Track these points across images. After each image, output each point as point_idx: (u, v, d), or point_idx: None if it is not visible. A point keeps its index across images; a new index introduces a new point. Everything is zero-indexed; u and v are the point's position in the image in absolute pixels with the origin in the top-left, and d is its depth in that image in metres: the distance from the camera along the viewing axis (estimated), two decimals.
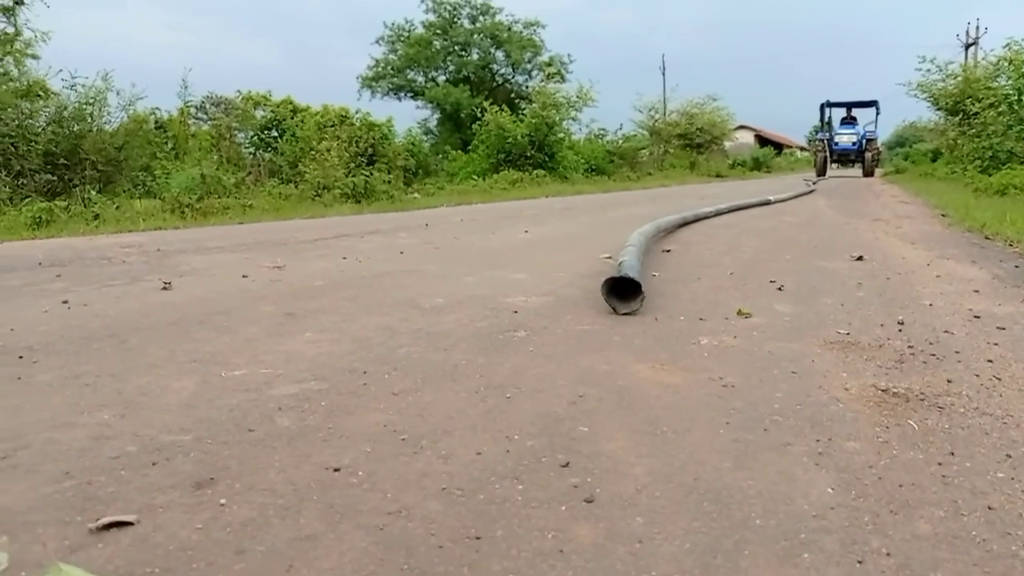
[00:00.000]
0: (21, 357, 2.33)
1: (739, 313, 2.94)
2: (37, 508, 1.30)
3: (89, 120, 12.23)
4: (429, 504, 1.33)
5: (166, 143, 15.84)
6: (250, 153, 18.48)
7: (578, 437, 1.65)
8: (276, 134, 18.63)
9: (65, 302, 3.25)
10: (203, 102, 19.25)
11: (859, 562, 1.14)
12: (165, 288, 3.61)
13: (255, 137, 19.12)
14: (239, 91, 19.81)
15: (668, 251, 4.96)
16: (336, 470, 1.47)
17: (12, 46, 13.20)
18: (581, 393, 1.96)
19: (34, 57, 13.28)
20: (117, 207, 9.97)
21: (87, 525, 1.23)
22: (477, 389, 2.00)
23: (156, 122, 16.13)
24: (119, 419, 1.76)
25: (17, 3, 14.07)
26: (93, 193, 10.53)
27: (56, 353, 2.38)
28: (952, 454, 1.56)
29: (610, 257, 4.51)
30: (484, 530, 1.23)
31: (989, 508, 1.32)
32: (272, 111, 19.18)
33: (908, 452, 1.57)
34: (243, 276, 4.02)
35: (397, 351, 2.41)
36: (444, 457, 1.54)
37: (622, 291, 3.05)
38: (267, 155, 18.13)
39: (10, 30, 13.84)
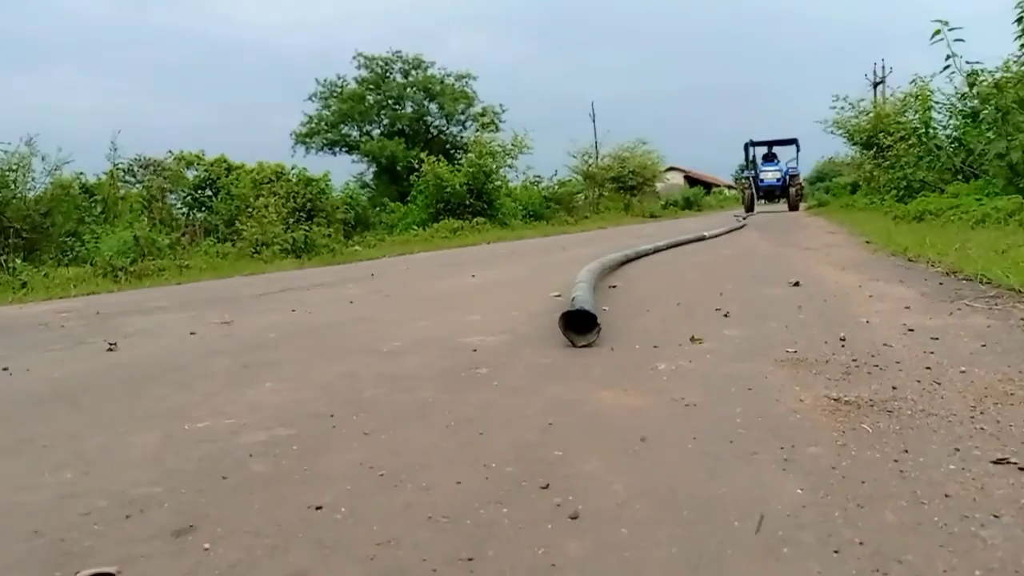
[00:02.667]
0: None
1: (692, 339, 3.03)
2: (11, 567, 1.26)
3: (12, 187, 11.89)
4: (417, 532, 1.34)
5: (94, 207, 15.42)
6: (183, 213, 18.18)
7: (554, 461, 1.69)
8: (210, 193, 18.40)
9: (5, 368, 3.13)
10: (131, 165, 18.91)
11: (835, 552, 1.20)
12: (111, 349, 3.51)
13: (188, 197, 18.84)
14: (170, 151, 19.57)
15: (615, 287, 5.08)
16: (319, 508, 1.46)
17: None
18: (551, 421, 2.00)
19: None
20: (45, 274, 9.64)
21: None
22: (448, 424, 2.02)
23: (83, 186, 15.70)
24: (83, 477, 1.71)
25: None
26: (18, 261, 10.14)
27: (4, 419, 2.30)
28: (906, 451, 1.65)
29: (560, 295, 4.59)
30: (475, 552, 1.25)
31: (946, 496, 1.40)
32: (206, 170, 18.99)
33: (866, 452, 1.66)
34: (191, 333, 3.94)
35: (362, 394, 2.40)
36: (425, 489, 1.55)
37: (578, 325, 3.12)
38: (201, 214, 17.86)
39: None
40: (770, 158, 26.08)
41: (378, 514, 1.43)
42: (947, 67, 10.72)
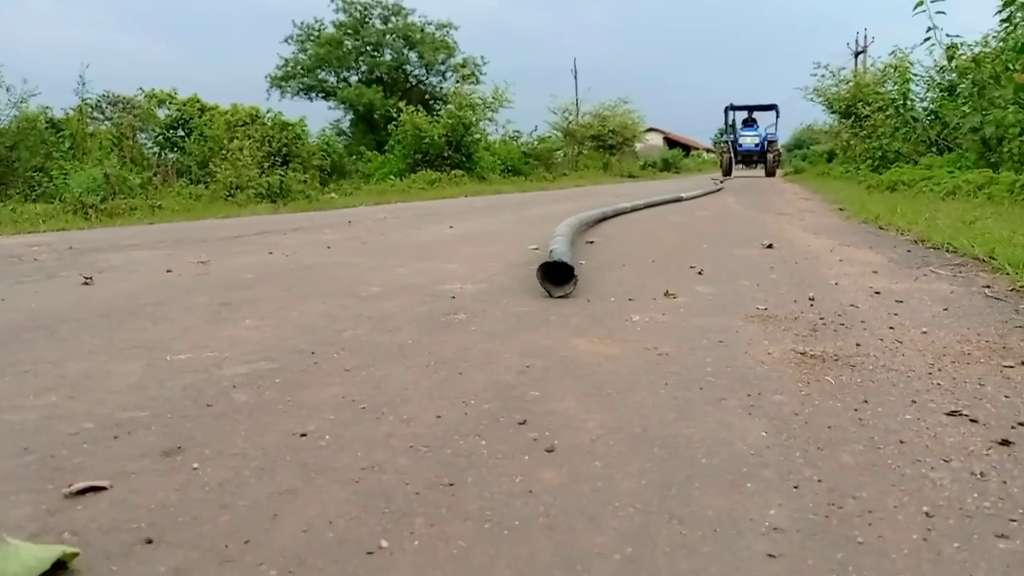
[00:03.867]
0: None
1: (666, 294, 3.10)
2: (4, 480, 1.29)
3: None
4: (399, 459, 1.39)
5: (62, 142, 15.00)
6: (154, 153, 17.78)
7: (531, 400, 1.75)
8: (183, 133, 18.00)
9: None
10: (99, 101, 18.35)
11: (795, 487, 1.28)
12: (86, 283, 3.50)
13: (159, 136, 18.40)
14: (141, 89, 19.02)
15: (591, 242, 5.13)
16: (303, 435, 1.51)
17: None
18: (527, 364, 2.06)
19: None
20: (12, 209, 9.45)
21: (60, 491, 1.24)
22: (427, 364, 2.07)
23: (49, 121, 15.23)
24: (68, 400, 1.73)
25: None
26: None
27: None
28: (866, 402, 1.74)
29: (537, 248, 4.63)
30: (455, 478, 1.31)
31: (901, 442, 1.49)
32: (178, 109, 18.52)
33: (828, 401, 1.74)
34: (167, 271, 3.93)
35: (342, 334, 2.44)
36: (406, 421, 1.60)
37: (555, 276, 3.17)
38: (173, 155, 17.49)
39: None
40: (750, 123, 26.15)
41: (361, 442, 1.48)
42: (927, 39, 10.77)
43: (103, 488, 1.25)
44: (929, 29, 10.56)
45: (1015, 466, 1.35)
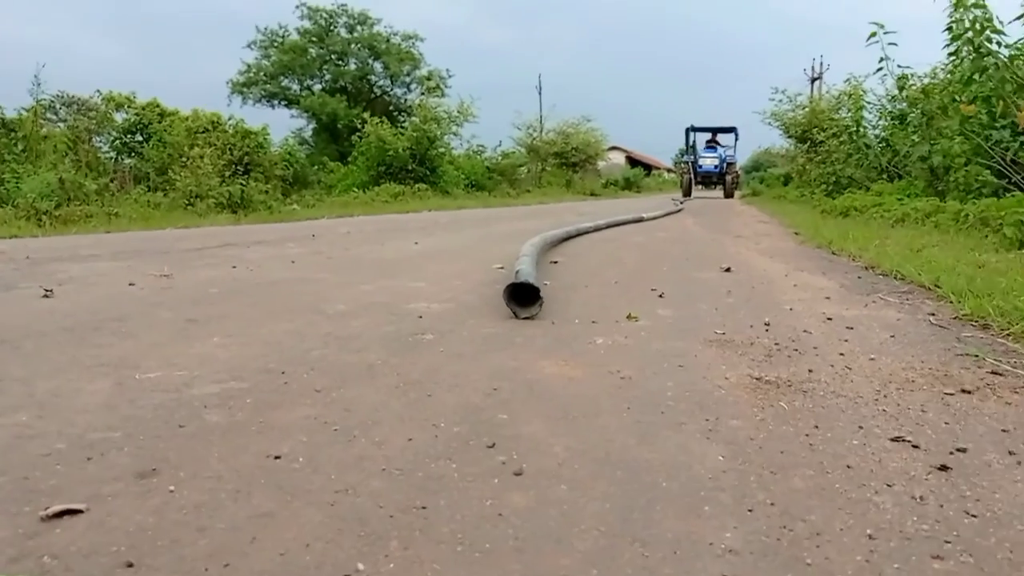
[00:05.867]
0: None
1: (628, 317, 3.19)
2: None
3: None
4: (372, 482, 1.43)
5: (15, 144, 14.60)
6: (110, 158, 17.41)
7: (499, 423, 1.80)
8: (141, 139, 17.67)
9: None
10: (54, 101, 17.92)
11: (749, 511, 1.36)
12: (47, 295, 3.45)
13: (116, 141, 18.03)
14: (99, 91, 18.60)
15: (556, 262, 5.22)
16: (277, 457, 1.54)
17: None
18: (495, 387, 2.12)
19: None
20: None
21: (37, 514, 1.25)
22: (397, 385, 2.11)
23: (1, 121, 14.82)
24: (38, 420, 1.73)
25: None
26: None
27: None
28: (816, 427, 1.83)
29: (502, 267, 4.70)
30: (428, 501, 1.36)
31: (848, 467, 1.58)
32: (136, 114, 18.16)
33: (781, 427, 1.83)
34: (129, 284, 3.89)
35: (310, 353, 2.47)
36: (378, 444, 1.64)
37: (521, 297, 3.23)
38: (130, 160, 17.15)
39: None
40: (712, 144, 26.70)
41: (334, 465, 1.51)
42: (880, 69, 11.17)
43: (80, 511, 1.27)
44: (881, 60, 10.97)
45: (952, 490, 1.45)
